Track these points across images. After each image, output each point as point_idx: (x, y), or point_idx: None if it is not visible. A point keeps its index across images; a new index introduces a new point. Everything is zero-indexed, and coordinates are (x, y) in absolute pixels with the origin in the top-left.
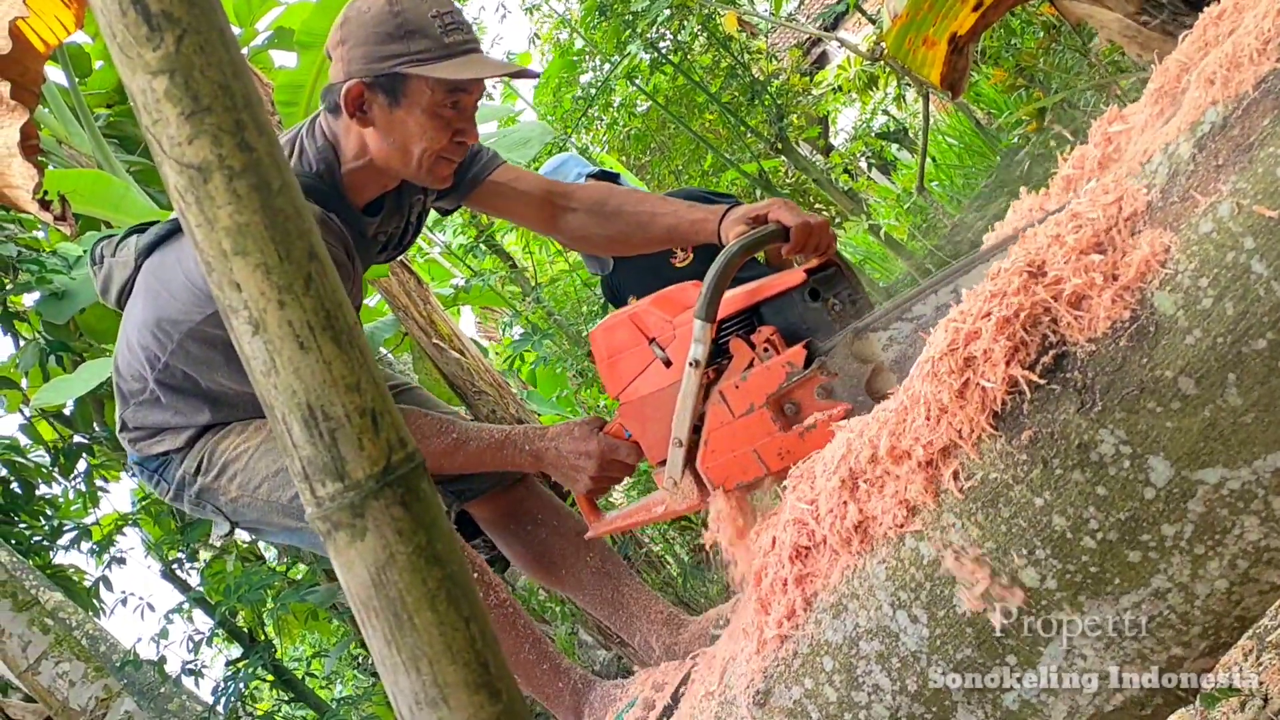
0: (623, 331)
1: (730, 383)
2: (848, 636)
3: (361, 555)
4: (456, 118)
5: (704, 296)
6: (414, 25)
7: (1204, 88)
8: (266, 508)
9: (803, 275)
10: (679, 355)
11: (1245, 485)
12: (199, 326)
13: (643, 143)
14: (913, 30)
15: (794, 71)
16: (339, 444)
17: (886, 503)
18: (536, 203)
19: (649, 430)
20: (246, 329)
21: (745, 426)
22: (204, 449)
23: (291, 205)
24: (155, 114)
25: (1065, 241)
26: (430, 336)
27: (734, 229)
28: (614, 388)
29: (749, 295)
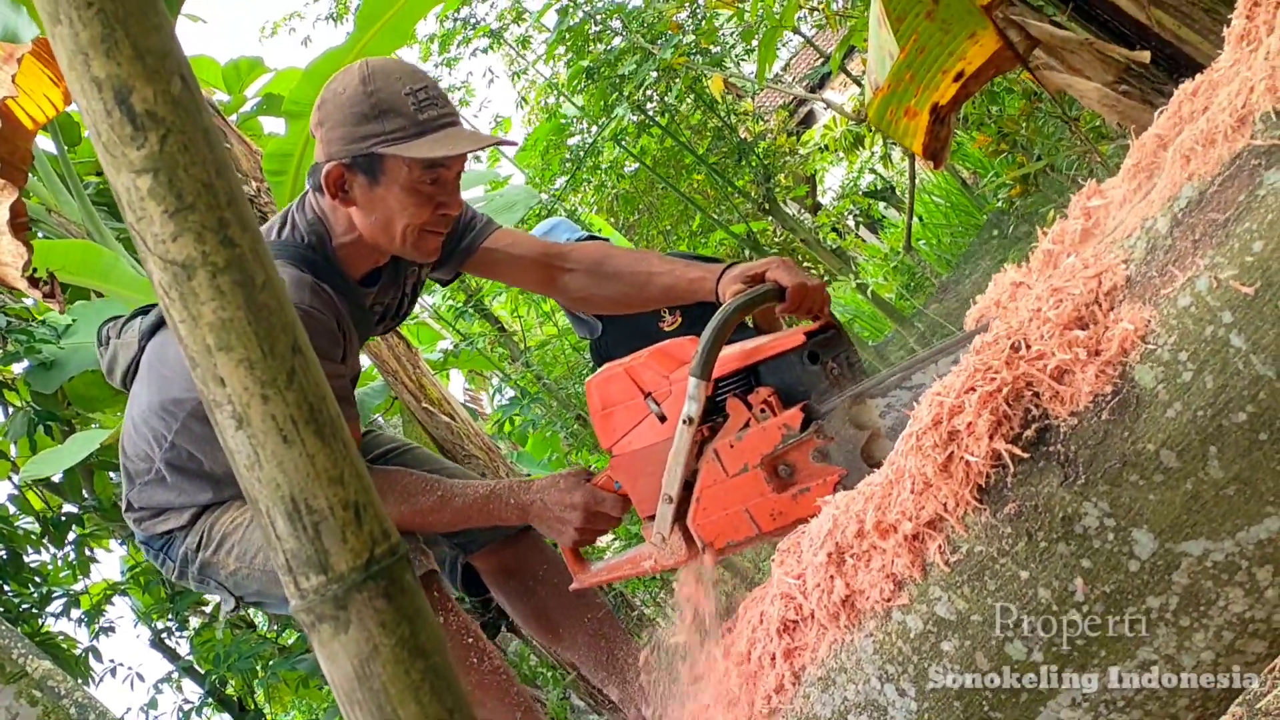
0: (619, 384)
1: (725, 441)
2: (836, 710)
3: (345, 648)
4: (437, 192)
5: (700, 354)
6: (388, 104)
7: (1180, 164)
8: (265, 578)
9: (802, 337)
10: (673, 411)
11: (1229, 557)
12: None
13: (631, 204)
14: (894, 101)
15: (780, 132)
16: (322, 537)
17: (873, 576)
18: (534, 265)
19: (640, 484)
20: (230, 423)
21: (738, 486)
22: (204, 525)
23: (275, 300)
24: (139, 211)
25: (1047, 316)
26: (420, 401)
27: (731, 287)
28: (607, 440)
29: (747, 355)
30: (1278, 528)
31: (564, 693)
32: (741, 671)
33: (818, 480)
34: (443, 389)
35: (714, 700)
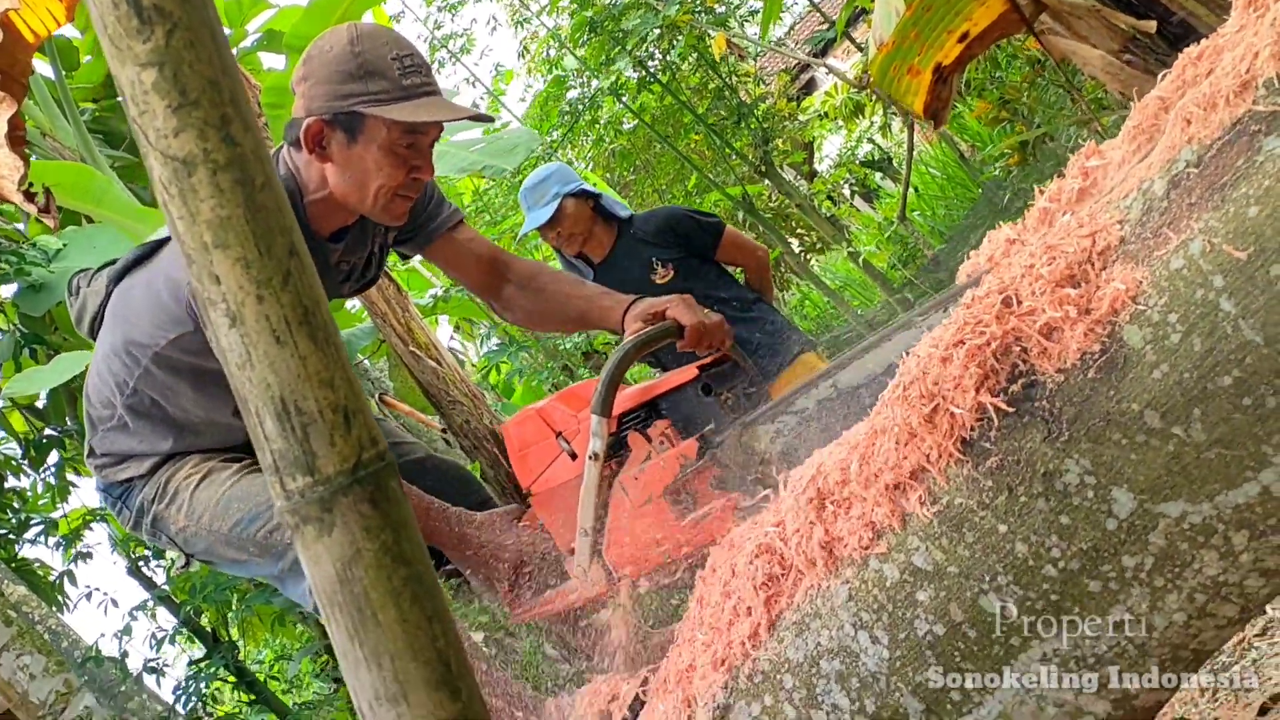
0: (531, 425)
1: (630, 474)
2: (809, 655)
3: (328, 550)
4: (412, 156)
5: (599, 393)
6: (373, 66)
7: (1180, 127)
8: (211, 537)
9: (695, 371)
10: (583, 448)
11: (1206, 520)
12: (165, 350)
13: (628, 160)
14: (898, 59)
15: (781, 96)
16: (310, 439)
17: (853, 524)
18: (484, 266)
19: (559, 520)
20: (224, 321)
21: (645, 516)
22: (163, 477)
23: (274, 201)
24: (142, 105)
25: (1039, 273)
26: (407, 344)
27: (633, 325)
28: (525, 479)
29: (645, 391)
30: (1256, 493)
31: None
32: (717, 616)
33: (717, 506)
34: (430, 334)
35: (688, 642)
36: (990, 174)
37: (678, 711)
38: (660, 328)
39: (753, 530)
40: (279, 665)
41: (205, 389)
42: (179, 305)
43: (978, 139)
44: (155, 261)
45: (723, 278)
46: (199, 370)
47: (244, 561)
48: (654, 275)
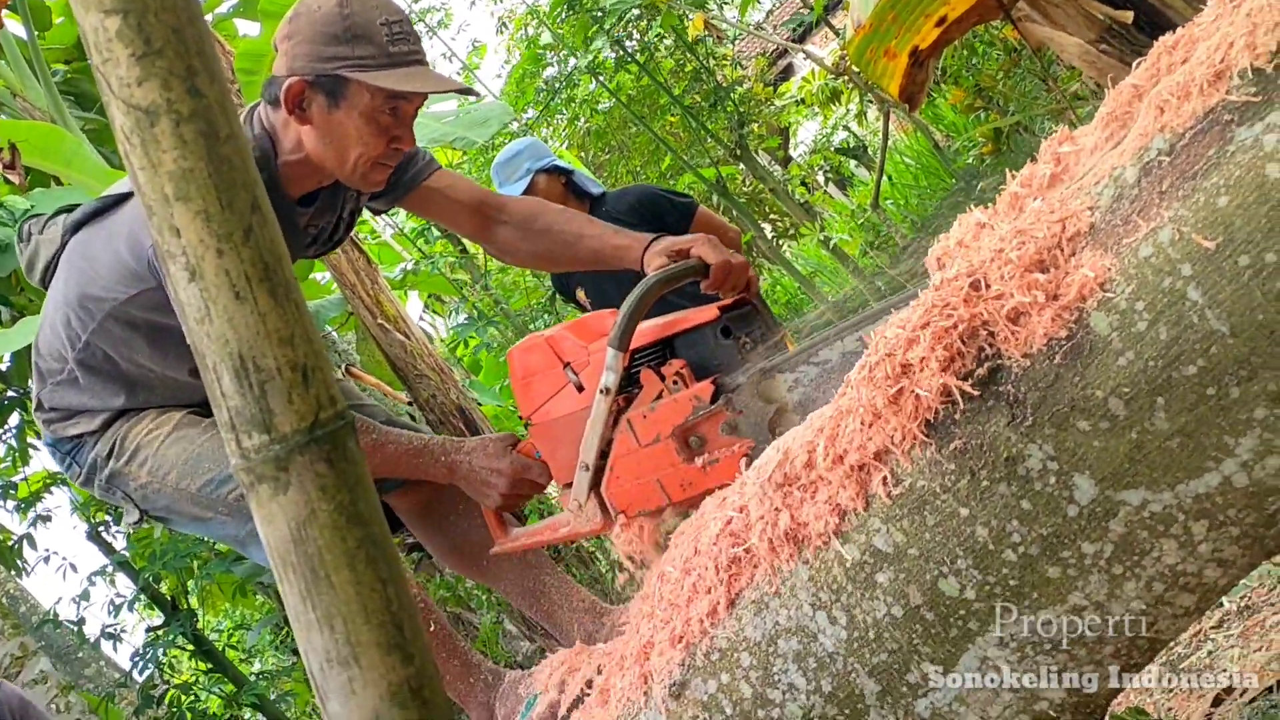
0: (539, 354)
1: (639, 412)
2: (767, 634)
3: (283, 509)
4: (394, 124)
5: (619, 326)
6: (361, 30)
7: (1153, 115)
8: (176, 495)
9: (716, 312)
10: (591, 381)
11: (1166, 509)
12: (122, 306)
13: (603, 140)
14: (875, 41)
15: (758, 80)
16: (268, 396)
17: (819, 509)
18: (469, 211)
19: (558, 452)
20: (183, 275)
21: (650, 456)
22: (117, 433)
23: (237, 154)
24: (106, 53)
25: (1009, 257)
26: (376, 317)
27: (655, 260)
28: (526, 408)
29: (663, 328)
30: (1217, 483)
31: (496, 616)
32: (677, 593)
33: (727, 452)
34: (399, 306)
35: (646, 618)
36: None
37: (634, 687)
38: (685, 265)
39: (719, 509)
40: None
41: (162, 345)
42: (140, 262)
43: (952, 128)
44: (118, 215)
45: None
46: (156, 326)
47: (207, 520)
48: None
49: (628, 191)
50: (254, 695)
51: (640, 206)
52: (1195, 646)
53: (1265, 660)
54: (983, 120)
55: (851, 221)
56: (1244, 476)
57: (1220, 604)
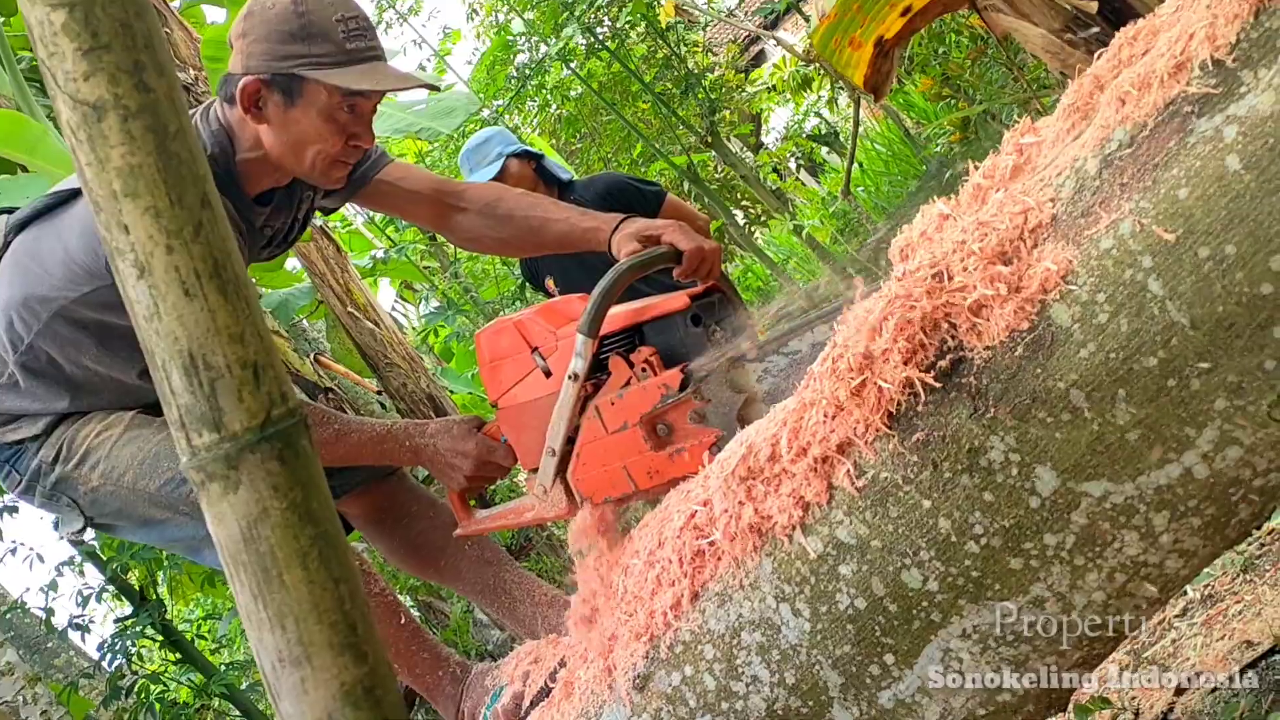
0: (507, 337)
1: (607, 399)
2: (730, 626)
3: (233, 508)
4: (352, 122)
5: (589, 311)
6: (317, 28)
7: (1115, 106)
8: (132, 496)
9: (686, 300)
10: (559, 366)
11: (1128, 500)
12: (71, 306)
13: (574, 127)
14: (840, 30)
15: (730, 67)
16: (218, 394)
17: (783, 502)
18: (426, 201)
19: (524, 437)
20: (132, 272)
21: (618, 443)
22: (64, 436)
23: (186, 150)
24: (51, 47)
25: (971, 249)
26: (346, 305)
27: (626, 245)
28: (494, 392)
29: (632, 315)
30: (1178, 474)
31: (467, 605)
32: (641, 585)
33: (694, 441)
34: (369, 295)
35: (608, 612)
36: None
37: (599, 680)
38: (658, 251)
39: (683, 502)
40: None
41: (111, 346)
42: (94, 258)
43: (923, 115)
44: (68, 212)
45: None
46: (106, 326)
47: (163, 522)
48: None
49: (596, 179)
50: (223, 685)
51: (609, 194)
52: (1159, 635)
53: (1228, 649)
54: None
55: (823, 208)
56: (1204, 468)
57: (1184, 593)
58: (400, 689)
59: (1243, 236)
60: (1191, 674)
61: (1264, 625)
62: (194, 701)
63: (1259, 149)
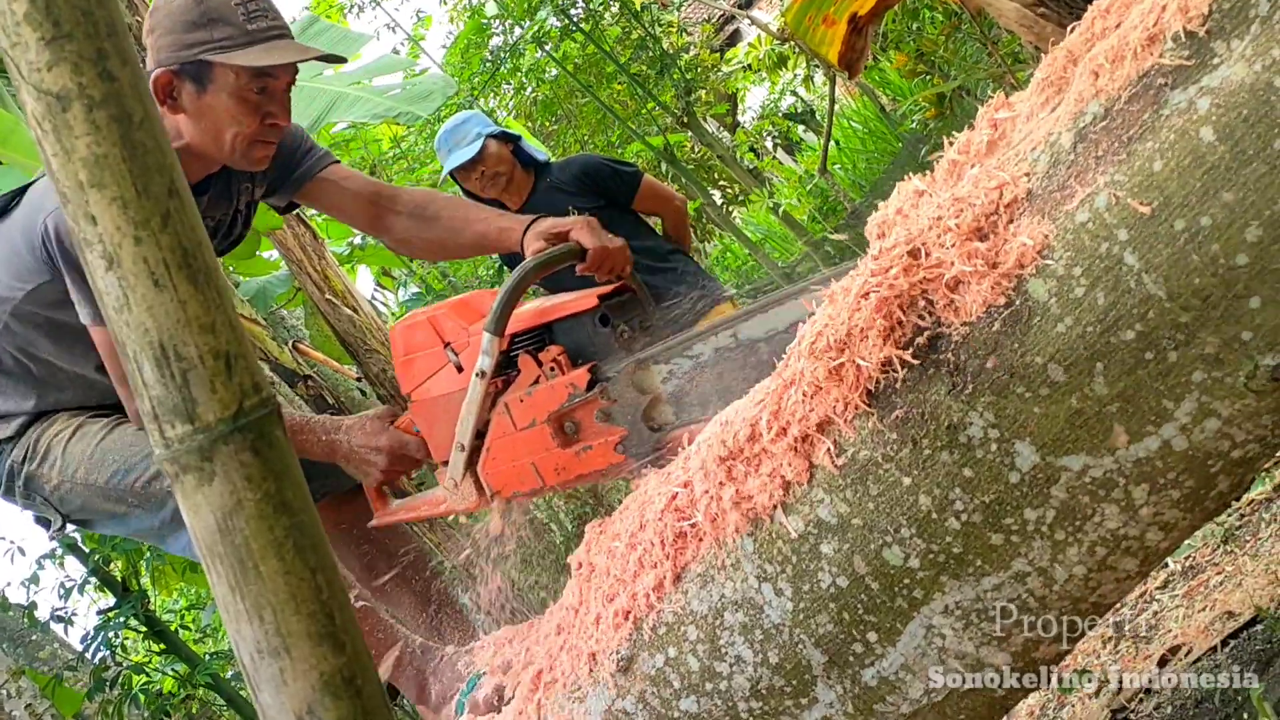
0: (421, 332)
1: (515, 396)
2: (713, 607)
3: (208, 500)
4: (265, 101)
5: (494, 311)
6: (217, 13)
7: (1088, 79)
8: (87, 492)
9: (595, 300)
10: (471, 362)
11: (1107, 474)
12: (22, 304)
13: (550, 110)
14: (813, 8)
15: (704, 47)
16: (190, 385)
17: (764, 481)
18: (364, 202)
19: (436, 431)
20: (100, 263)
21: (526, 440)
22: (32, 436)
23: (153, 139)
24: (14, 37)
25: (948, 225)
26: (324, 292)
27: (533, 244)
28: (407, 385)
29: (541, 314)
30: (1157, 447)
31: None
32: (623, 568)
33: (600, 440)
34: (347, 281)
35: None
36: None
37: (581, 664)
38: (563, 249)
39: (663, 484)
40: (191, 614)
41: (65, 342)
42: (34, 255)
43: (899, 92)
44: (14, 212)
45: (640, 227)
46: (56, 323)
47: (123, 515)
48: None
49: (573, 160)
50: (208, 675)
51: (585, 175)
52: (1140, 608)
53: (1209, 620)
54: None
55: (800, 187)
56: (1183, 440)
57: (1165, 565)
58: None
59: (1218, 208)
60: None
61: (1245, 596)
62: (179, 692)
63: (1232, 120)
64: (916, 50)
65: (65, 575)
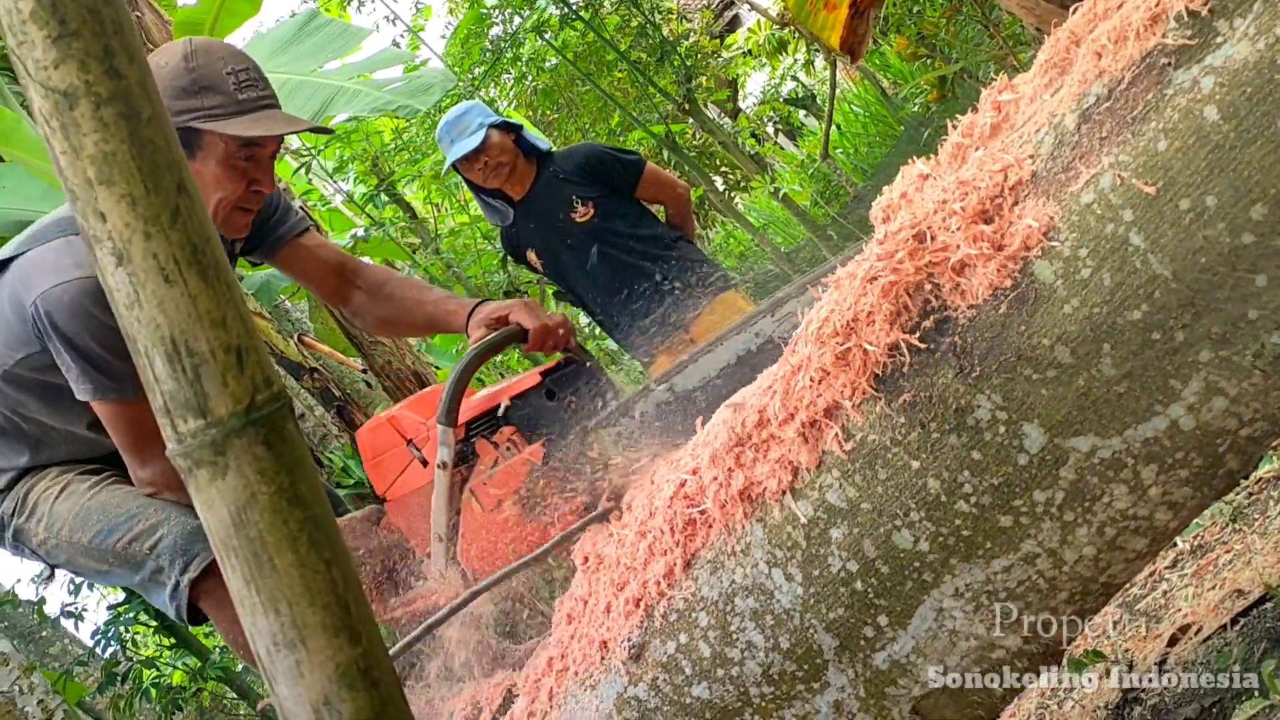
0: (383, 433)
1: (479, 481)
2: (723, 593)
3: (222, 494)
4: (251, 169)
5: (443, 403)
6: (208, 81)
7: (1091, 60)
8: (71, 549)
9: (538, 377)
10: (434, 455)
11: (1116, 454)
12: (13, 369)
13: (550, 99)
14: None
15: (704, 33)
16: (202, 380)
17: (772, 467)
18: (331, 271)
19: (415, 526)
20: (110, 260)
21: (498, 520)
22: (21, 490)
23: (161, 136)
24: (21, 35)
25: (953, 209)
26: None
27: (476, 331)
28: (380, 486)
29: (489, 399)
30: (1165, 426)
31: None
32: (633, 556)
33: (564, 508)
34: None
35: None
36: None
37: (593, 651)
38: (504, 333)
39: (672, 471)
40: None
41: (54, 403)
42: (24, 326)
43: (900, 75)
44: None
45: (643, 215)
46: (46, 385)
47: (105, 571)
48: (574, 213)
49: (575, 150)
50: (218, 668)
51: (588, 164)
52: (1150, 587)
53: (1219, 598)
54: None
55: (802, 172)
56: (1191, 419)
57: (1174, 544)
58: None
59: (1223, 187)
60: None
61: (1254, 574)
62: (189, 685)
63: (1237, 99)
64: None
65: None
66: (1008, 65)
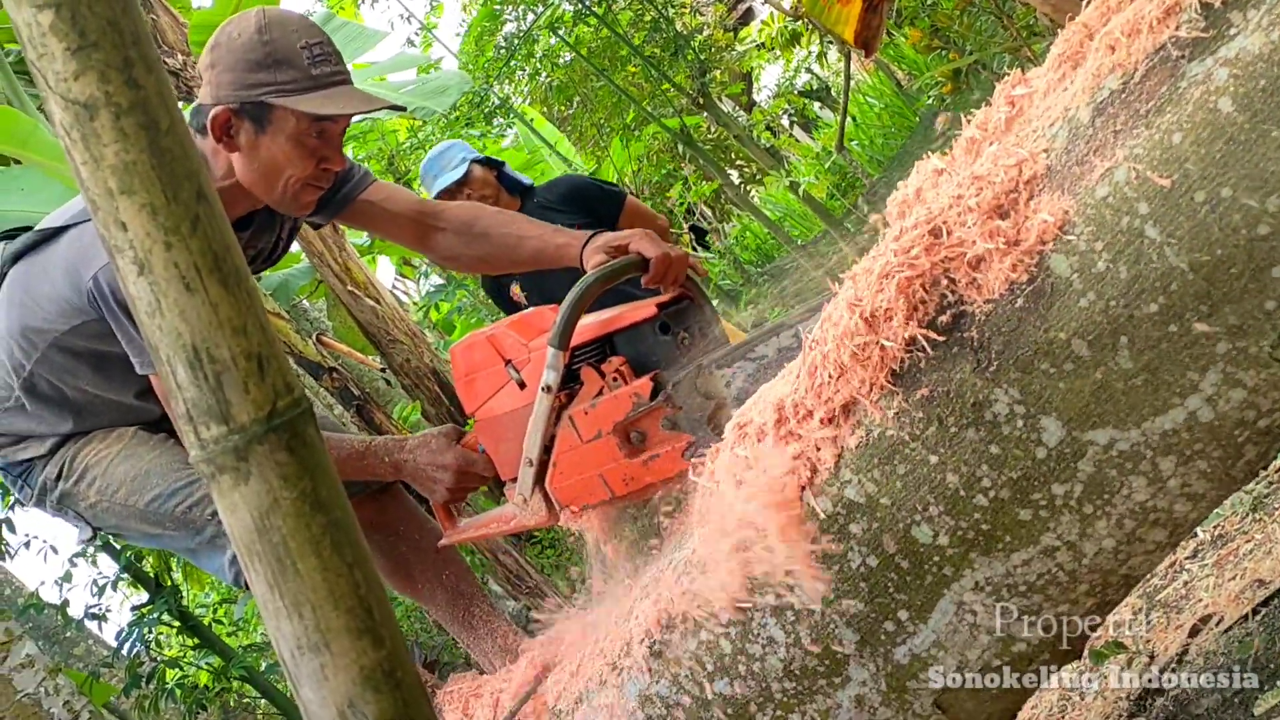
0: (480, 351)
1: (580, 408)
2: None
3: (245, 499)
4: (322, 146)
5: (559, 324)
6: (282, 55)
7: (1105, 53)
8: (125, 512)
9: (654, 309)
10: (533, 378)
11: (1134, 446)
12: (63, 337)
13: (565, 94)
14: None
15: (718, 26)
16: (224, 387)
17: (791, 463)
18: (408, 222)
19: (502, 448)
20: (132, 269)
21: (592, 451)
22: (65, 455)
23: (180, 145)
24: (41, 48)
25: (968, 204)
26: (345, 284)
27: (594, 257)
28: (470, 405)
29: (602, 325)
30: (1183, 419)
31: (482, 576)
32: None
33: (667, 447)
34: (369, 273)
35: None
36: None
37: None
38: (624, 261)
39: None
40: (224, 608)
41: (106, 371)
42: (79, 295)
43: (915, 67)
44: (55, 248)
45: None
46: (99, 354)
47: (157, 535)
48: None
49: (558, 182)
50: (242, 667)
51: (572, 194)
52: (1170, 578)
53: (1240, 588)
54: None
55: (818, 164)
56: (1209, 411)
57: (1194, 534)
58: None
59: (1238, 179)
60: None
61: (1275, 564)
62: (214, 685)
63: (1251, 90)
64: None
65: (98, 572)
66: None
